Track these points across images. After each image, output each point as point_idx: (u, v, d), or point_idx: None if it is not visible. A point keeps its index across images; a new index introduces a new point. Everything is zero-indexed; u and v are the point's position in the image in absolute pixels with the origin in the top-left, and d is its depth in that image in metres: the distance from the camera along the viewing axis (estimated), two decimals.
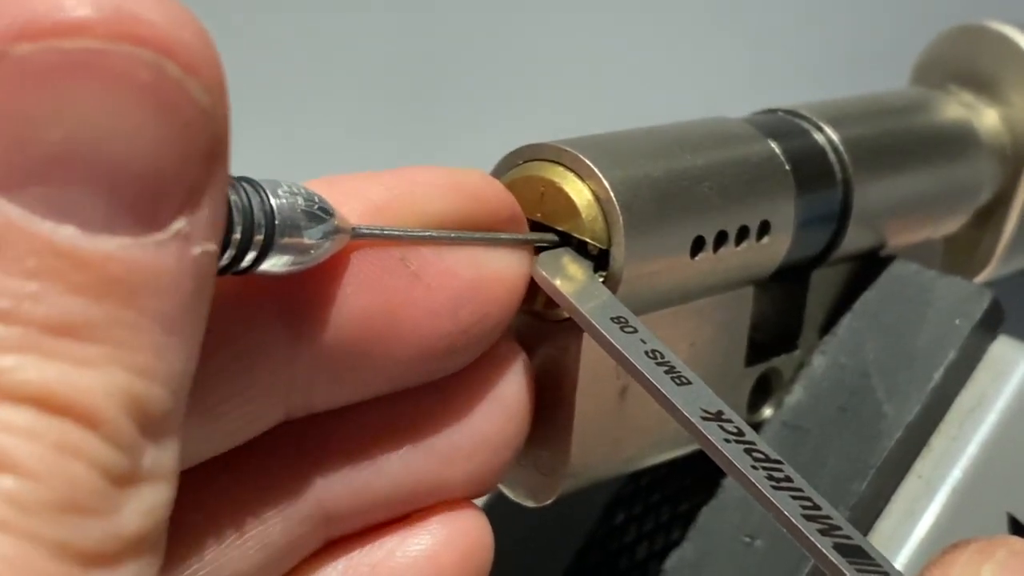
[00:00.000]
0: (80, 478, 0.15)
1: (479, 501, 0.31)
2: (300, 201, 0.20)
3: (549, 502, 0.25)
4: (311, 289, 0.21)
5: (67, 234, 0.16)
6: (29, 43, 0.15)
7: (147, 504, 0.16)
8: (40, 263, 0.15)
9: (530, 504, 0.25)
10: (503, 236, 0.23)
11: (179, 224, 0.16)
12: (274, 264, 0.20)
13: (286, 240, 0.19)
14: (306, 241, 0.20)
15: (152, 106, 0.16)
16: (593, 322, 0.23)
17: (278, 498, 0.22)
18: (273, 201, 0.19)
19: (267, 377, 0.20)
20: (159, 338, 0.16)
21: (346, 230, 0.21)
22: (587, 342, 0.24)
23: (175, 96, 0.16)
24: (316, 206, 0.20)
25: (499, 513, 0.31)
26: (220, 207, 0.17)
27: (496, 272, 0.23)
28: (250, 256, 0.19)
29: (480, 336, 0.23)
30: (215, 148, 0.17)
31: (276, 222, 0.19)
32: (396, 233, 0.22)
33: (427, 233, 0.22)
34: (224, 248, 0.18)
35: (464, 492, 0.23)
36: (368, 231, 0.21)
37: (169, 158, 0.16)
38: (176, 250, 0.16)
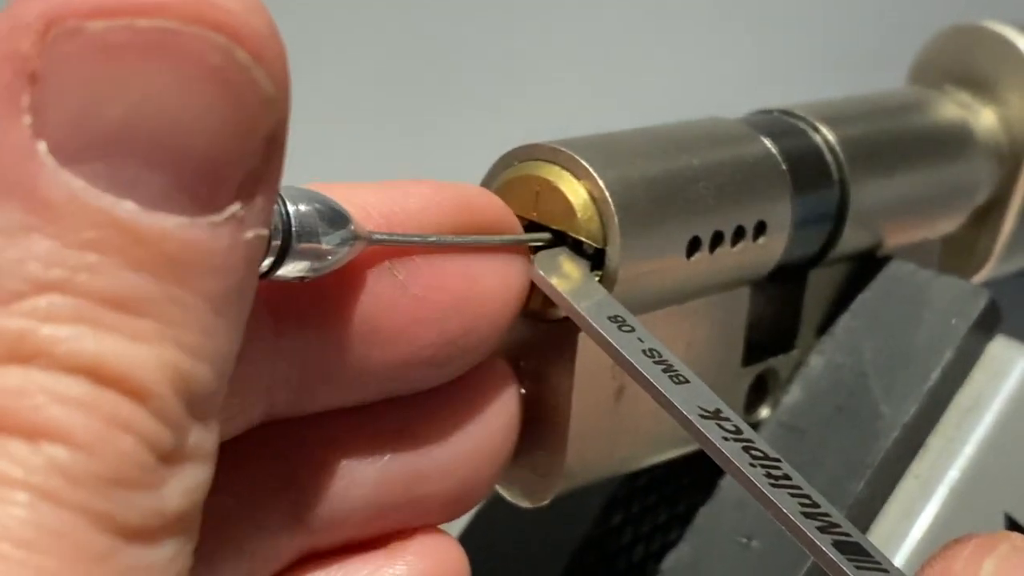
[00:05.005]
0: (129, 452, 0.15)
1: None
2: (317, 207, 0.20)
3: (545, 503, 0.25)
4: (296, 286, 0.20)
5: (127, 209, 0.16)
6: (105, 20, 0.15)
7: (189, 483, 0.16)
8: (99, 236, 0.16)
9: (526, 505, 0.25)
10: (505, 238, 0.23)
11: (234, 208, 0.16)
12: (290, 270, 0.19)
13: (303, 246, 0.19)
14: (323, 247, 0.20)
15: (218, 90, 0.16)
16: (590, 321, 0.22)
17: (253, 502, 0.21)
18: (290, 207, 0.19)
19: (247, 368, 0.20)
20: (208, 318, 0.16)
21: (363, 237, 0.21)
22: (583, 341, 0.24)
23: (241, 82, 0.16)
24: (334, 212, 0.20)
25: (495, 514, 0.31)
26: (273, 194, 0.17)
27: (488, 285, 0.22)
28: (267, 262, 0.19)
29: (467, 349, 0.22)
30: (274, 137, 0.17)
31: (293, 228, 0.19)
32: (413, 239, 0.22)
33: (441, 239, 0.22)
34: None
35: (441, 510, 0.23)
36: (385, 237, 0.21)
37: (230, 142, 0.16)
38: (230, 233, 0.16)
